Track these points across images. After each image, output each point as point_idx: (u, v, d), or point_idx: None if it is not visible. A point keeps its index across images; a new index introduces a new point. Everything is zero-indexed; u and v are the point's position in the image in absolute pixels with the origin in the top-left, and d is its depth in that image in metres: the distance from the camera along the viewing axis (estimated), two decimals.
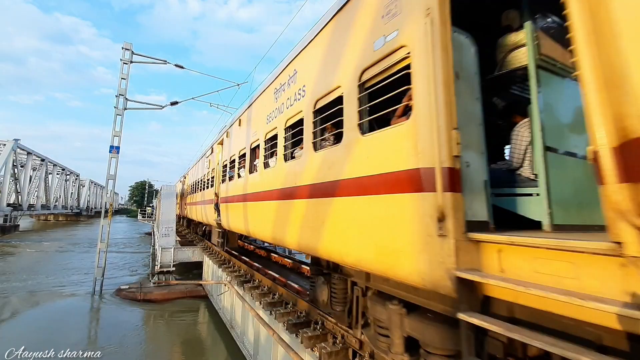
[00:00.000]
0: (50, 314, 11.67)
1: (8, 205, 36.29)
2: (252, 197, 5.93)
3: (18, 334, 9.47)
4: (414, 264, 2.26)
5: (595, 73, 1.41)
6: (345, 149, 3.11)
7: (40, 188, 44.71)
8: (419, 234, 2.20)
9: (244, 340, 8.02)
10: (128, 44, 15.52)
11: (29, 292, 14.00)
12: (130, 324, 11.06)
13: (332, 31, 3.58)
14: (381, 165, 2.62)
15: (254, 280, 8.35)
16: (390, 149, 2.55)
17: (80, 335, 9.95)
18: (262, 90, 5.84)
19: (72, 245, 28.65)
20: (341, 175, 3.15)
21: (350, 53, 3.15)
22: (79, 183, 66.22)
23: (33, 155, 40.41)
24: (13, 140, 34.18)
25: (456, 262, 1.98)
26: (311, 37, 4.02)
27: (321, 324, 4.85)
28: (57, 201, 51.13)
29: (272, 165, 5.06)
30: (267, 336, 6.14)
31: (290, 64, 4.60)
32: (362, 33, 2.99)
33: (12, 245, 27.45)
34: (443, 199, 2.04)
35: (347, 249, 3.03)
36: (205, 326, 11.34)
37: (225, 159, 8.47)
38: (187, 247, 15.75)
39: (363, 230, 2.81)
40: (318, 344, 4.46)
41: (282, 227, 4.53)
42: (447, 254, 2.01)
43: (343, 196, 3.11)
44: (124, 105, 15.29)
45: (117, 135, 14.99)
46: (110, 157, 14.85)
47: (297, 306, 5.88)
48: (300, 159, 4.09)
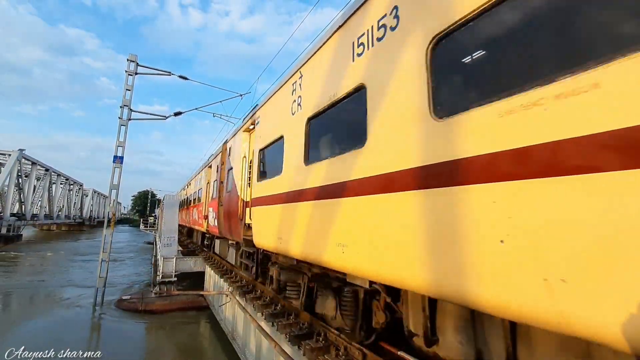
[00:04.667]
0: (50, 324, 11.58)
1: (12, 215, 36.46)
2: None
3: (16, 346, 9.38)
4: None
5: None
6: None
7: (44, 198, 44.97)
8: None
9: (246, 351, 7.90)
10: (133, 56, 15.79)
11: (29, 301, 13.94)
12: (131, 335, 10.95)
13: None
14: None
15: (255, 290, 8.28)
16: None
17: (79, 346, 9.84)
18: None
19: (74, 255, 28.62)
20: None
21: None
22: (82, 193, 66.57)
23: (37, 165, 40.78)
24: (18, 151, 34.57)
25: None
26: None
27: (324, 336, 4.79)
28: (60, 211, 51.34)
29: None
30: (269, 348, 6.06)
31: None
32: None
33: (12, 257, 27.45)
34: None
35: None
36: (206, 337, 11.20)
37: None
38: (189, 257, 15.71)
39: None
40: (321, 356, 4.40)
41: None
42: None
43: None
44: (128, 115, 15.47)
45: (121, 145, 15.13)
46: (114, 167, 14.95)
47: (299, 317, 5.82)
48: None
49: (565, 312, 1.50)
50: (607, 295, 1.37)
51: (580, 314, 1.46)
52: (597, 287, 1.40)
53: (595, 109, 1.45)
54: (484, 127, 1.94)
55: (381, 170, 2.78)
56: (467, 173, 2.00)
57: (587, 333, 1.45)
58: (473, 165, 1.97)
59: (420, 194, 2.35)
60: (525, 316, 1.70)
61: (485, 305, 1.90)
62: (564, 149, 1.53)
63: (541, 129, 1.63)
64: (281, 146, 4.91)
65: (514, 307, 1.72)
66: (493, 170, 1.85)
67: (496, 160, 1.84)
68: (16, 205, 39.23)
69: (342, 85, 3.45)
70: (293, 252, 4.35)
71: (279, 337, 5.63)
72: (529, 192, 1.67)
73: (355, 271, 3.18)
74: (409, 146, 2.49)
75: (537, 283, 1.60)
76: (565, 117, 1.55)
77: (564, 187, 1.52)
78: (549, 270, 1.56)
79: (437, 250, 2.18)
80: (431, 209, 2.25)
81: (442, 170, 2.17)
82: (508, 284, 1.74)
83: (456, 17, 2.15)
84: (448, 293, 2.14)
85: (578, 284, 1.46)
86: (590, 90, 1.46)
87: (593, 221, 1.42)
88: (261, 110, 6.32)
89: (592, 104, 1.46)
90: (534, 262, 1.63)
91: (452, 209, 2.07)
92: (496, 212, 1.82)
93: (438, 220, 2.19)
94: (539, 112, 1.65)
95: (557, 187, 1.55)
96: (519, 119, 1.74)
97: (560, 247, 1.52)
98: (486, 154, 1.90)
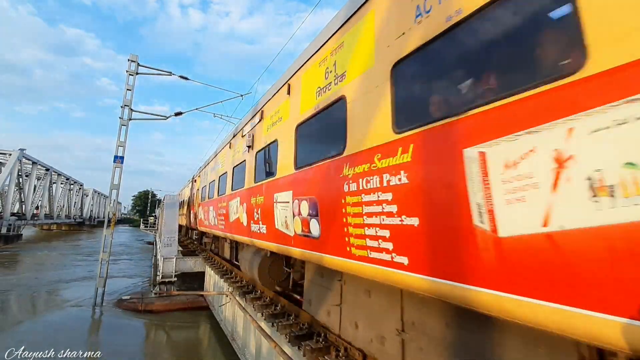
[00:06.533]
0: (50, 323, 11.57)
1: (12, 214, 36.49)
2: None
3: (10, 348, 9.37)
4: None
5: None
6: None
7: (44, 197, 45.00)
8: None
9: (246, 352, 7.90)
10: (134, 56, 15.80)
11: (29, 301, 13.95)
12: (131, 336, 10.95)
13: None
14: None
15: (255, 291, 8.28)
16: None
17: (79, 346, 9.84)
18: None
19: (74, 255, 28.61)
20: None
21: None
22: (83, 192, 66.64)
23: (38, 164, 40.82)
24: (19, 150, 34.61)
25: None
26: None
27: (324, 337, 4.78)
28: (60, 210, 51.38)
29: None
30: (269, 348, 6.05)
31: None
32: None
33: (12, 256, 27.46)
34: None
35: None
36: (206, 338, 11.20)
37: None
38: (189, 257, 15.70)
39: None
40: (321, 357, 4.39)
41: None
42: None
43: None
44: (129, 115, 15.48)
45: (121, 145, 15.13)
46: (114, 167, 14.96)
47: (299, 318, 5.81)
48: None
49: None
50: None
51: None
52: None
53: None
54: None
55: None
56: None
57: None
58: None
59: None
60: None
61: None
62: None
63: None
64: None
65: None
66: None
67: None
68: (16, 204, 39.29)
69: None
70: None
71: (279, 338, 5.62)
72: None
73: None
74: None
75: None
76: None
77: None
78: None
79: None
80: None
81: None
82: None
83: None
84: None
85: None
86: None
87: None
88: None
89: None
90: None
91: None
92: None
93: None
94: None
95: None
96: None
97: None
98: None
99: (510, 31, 2.13)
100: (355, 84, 3.38)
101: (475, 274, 1.96)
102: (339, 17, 3.91)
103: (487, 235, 1.88)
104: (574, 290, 1.51)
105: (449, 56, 2.51)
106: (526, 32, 2.03)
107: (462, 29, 2.26)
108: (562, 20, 1.80)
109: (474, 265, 1.96)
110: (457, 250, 2.07)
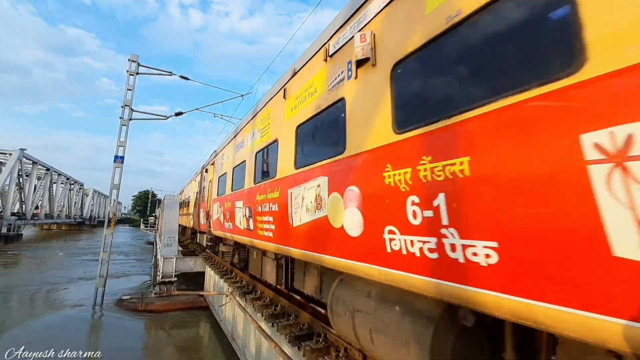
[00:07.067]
0: (50, 323, 11.56)
1: (12, 214, 36.50)
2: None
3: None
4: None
5: None
6: None
7: (45, 197, 45.03)
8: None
9: (246, 352, 7.90)
10: (135, 56, 15.81)
11: (29, 300, 13.95)
12: (131, 336, 10.94)
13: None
14: None
15: (255, 291, 8.28)
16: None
17: (79, 346, 9.84)
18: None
19: (75, 255, 28.62)
20: None
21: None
22: (83, 192, 66.66)
23: (38, 164, 40.84)
24: (19, 150, 34.64)
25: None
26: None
27: (324, 337, 4.78)
28: (60, 210, 51.38)
29: None
30: (269, 349, 6.05)
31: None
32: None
33: (12, 256, 27.46)
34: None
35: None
36: (206, 338, 11.19)
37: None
38: (189, 257, 15.71)
39: None
40: (321, 357, 4.39)
41: None
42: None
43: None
44: (129, 115, 15.48)
45: (121, 145, 15.13)
46: (114, 167, 14.96)
47: (299, 318, 5.81)
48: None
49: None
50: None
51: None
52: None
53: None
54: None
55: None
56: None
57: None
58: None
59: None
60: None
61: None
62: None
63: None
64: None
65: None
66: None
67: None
68: (17, 204, 39.31)
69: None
70: None
71: (279, 338, 5.63)
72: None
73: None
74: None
75: None
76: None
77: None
78: None
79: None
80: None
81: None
82: None
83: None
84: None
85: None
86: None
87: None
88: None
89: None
90: None
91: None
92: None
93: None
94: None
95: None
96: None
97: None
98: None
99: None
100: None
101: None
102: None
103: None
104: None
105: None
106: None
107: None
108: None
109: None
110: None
